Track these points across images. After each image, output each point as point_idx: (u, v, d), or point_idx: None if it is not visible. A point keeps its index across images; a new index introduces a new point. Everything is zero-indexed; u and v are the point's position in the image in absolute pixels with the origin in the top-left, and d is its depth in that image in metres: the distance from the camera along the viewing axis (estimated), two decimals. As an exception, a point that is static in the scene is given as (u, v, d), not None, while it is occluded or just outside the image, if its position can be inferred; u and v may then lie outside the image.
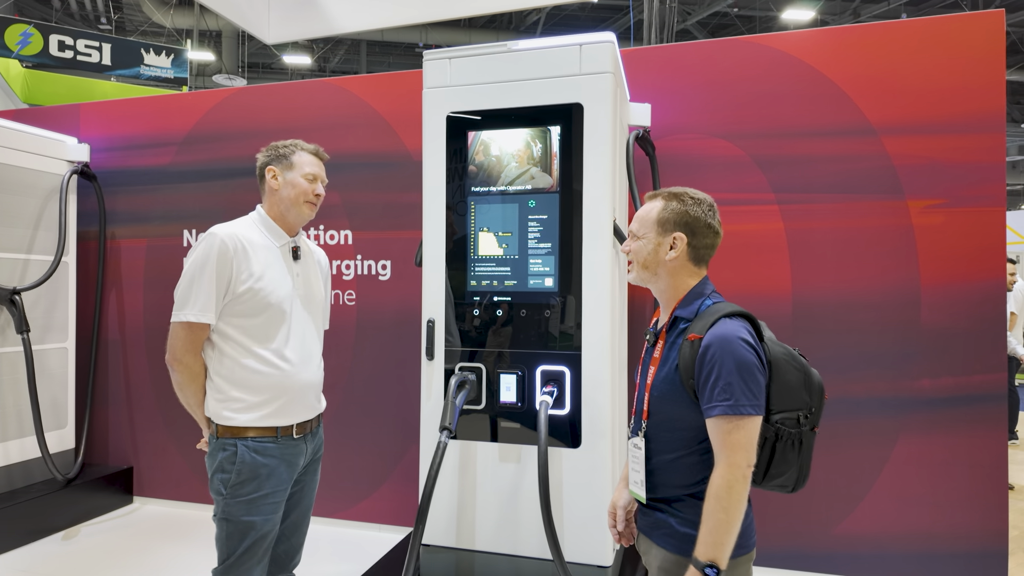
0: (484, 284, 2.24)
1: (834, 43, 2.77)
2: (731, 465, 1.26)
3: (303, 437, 1.91)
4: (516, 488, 2.18)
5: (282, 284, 1.88)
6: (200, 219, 3.60)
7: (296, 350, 1.88)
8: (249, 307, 1.82)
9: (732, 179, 2.85)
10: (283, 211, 1.94)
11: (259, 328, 1.83)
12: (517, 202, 2.21)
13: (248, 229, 1.89)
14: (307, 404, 1.91)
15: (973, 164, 2.60)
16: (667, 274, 1.45)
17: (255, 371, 1.82)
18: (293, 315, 1.89)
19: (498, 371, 2.19)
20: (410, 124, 3.28)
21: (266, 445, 1.82)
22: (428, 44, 16.15)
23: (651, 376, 1.43)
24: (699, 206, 1.43)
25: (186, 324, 1.80)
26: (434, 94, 2.30)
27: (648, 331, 1.51)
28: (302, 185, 1.92)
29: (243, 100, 3.56)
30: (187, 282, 1.81)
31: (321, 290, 2.06)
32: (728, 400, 1.27)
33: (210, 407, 1.85)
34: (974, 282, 2.61)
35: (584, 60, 2.14)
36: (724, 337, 1.31)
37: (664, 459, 1.40)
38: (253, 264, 1.83)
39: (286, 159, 1.95)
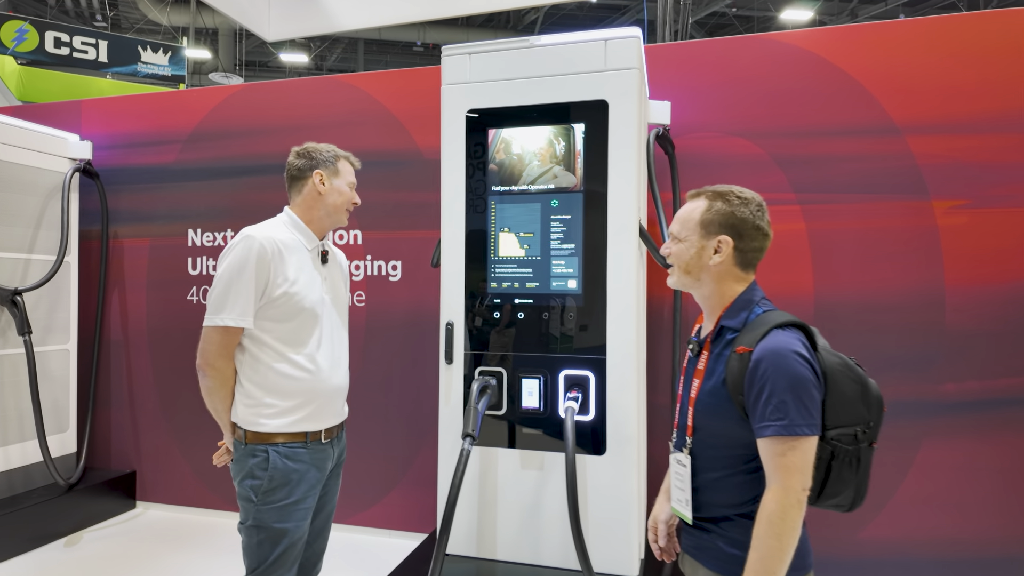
0: (505, 286, 2.18)
1: (856, 40, 2.72)
2: (785, 489, 1.19)
3: (330, 442, 1.88)
4: (538, 496, 2.12)
5: (314, 288, 1.84)
6: (205, 218, 3.53)
7: (327, 354, 1.85)
8: (284, 311, 1.78)
9: (752, 179, 2.80)
10: (322, 215, 1.92)
11: (293, 332, 1.79)
12: (539, 202, 2.15)
13: (281, 231, 1.85)
14: (335, 409, 1.88)
15: (997, 164, 2.56)
16: (711, 280, 1.36)
17: (288, 376, 1.78)
18: (324, 319, 1.86)
19: (520, 375, 2.13)
20: (422, 121, 3.22)
21: (296, 451, 1.78)
22: (426, 43, 16.08)
23: (695, 389, 1.35)
24: (746, 206, 1.35)
25: (222, 328, 1.75)
26: (453, 90, 2.24)
27: (692, 340, 1.43)
28: (347, 193, 1.93)
29: (249, 97, 3.48)
30: (224, 285, 1.76)
31: (345, 294, 2.03)
32: (782, 420, 1.19)
33: (239, 413, 1.80)
34: (999, 284, 2.57)
35: (609, 56, 2.08)
36: (777, 351, 1.22)
37: (710, 477, 1.32)
38: (289, 268, 1.79)
39: (332, 165, 1.93)
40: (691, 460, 1.35)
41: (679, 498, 1.37)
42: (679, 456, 1.38)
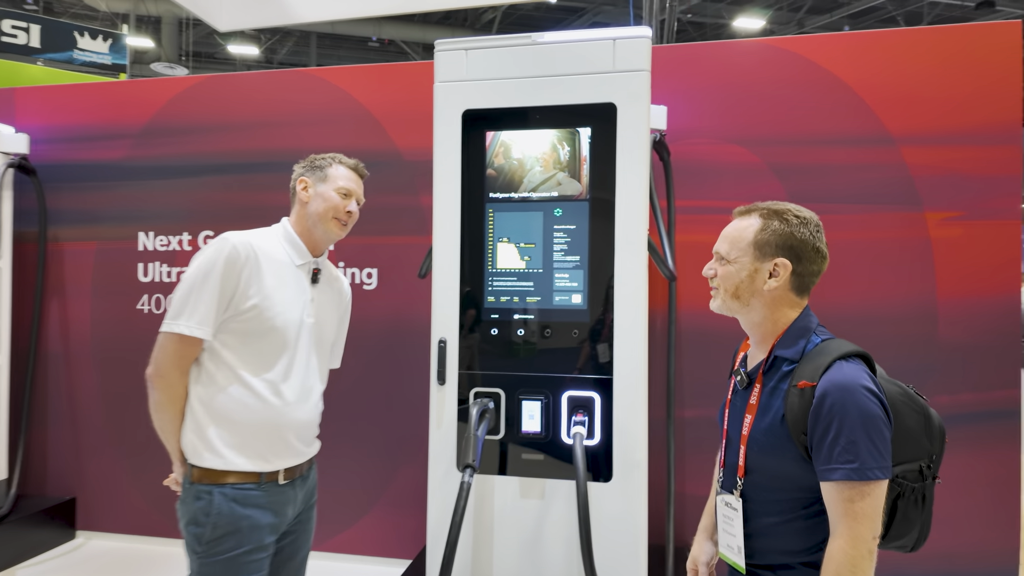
0: (503, 300, 2.02)
1: (851, 48, 2.68)
2: (855, 539, 1.08)
3: (291, 483, 1.66)
4: (539, 527, 1.97)
5: (292, 307, 1.65)
6: (159, 220, 3.24)
7: (295, 385, 1.65)
8: (251, 327, 1.58)
9: (748, 187, 2.73)
10: (310, 226, 1.74)
11: (257, 353, 1.60)
12: (542, 210, 2.00)
13: (267, 240, 1.68)
14: (295, 447, 1.67)
15: (990, 176, 2.56)
16: (763, 305, 1.25)
17: (242, 403, 1.58)
18: (300, 344, 1.66)
19: (520, 397, 1.98)
20: (401, 120, 3.02)
21: (248, 493, 1.57)
22: (382, 39, 15.71)
23: (747, 426, 1.23)
24: (806, 226, 1.24)
25: (177, 336, 1.55)
26: (448, 88, 2.07)
27: (739, 371, 1.31)
28: (333, 200, 1.74)
29: (210, 90, 3.21)
30: (186, 289, 1.57)
31: (333, 323, 1.84)
32: (852, 463, 1.08)
33: (186, 440, 1.59)
34: (991, 296, 2.57)
35: (618, 56, 1.95)
36: (844, 386, 1.12)
37: (767, 522, 1.21)
38: (265, 278, 1.60)
39: (321, 171, 1.77)
40: (743, 503, 1.23)
41: (729, 544, 1.25)
42: (728, 499, 1.25)
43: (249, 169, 3.16)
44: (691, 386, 2.81)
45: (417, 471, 2.95)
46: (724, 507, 1.28)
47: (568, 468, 1.93)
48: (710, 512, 1.53)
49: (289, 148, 3.04)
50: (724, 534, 1.28)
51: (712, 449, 2.77)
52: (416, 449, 2.96)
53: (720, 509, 1.30)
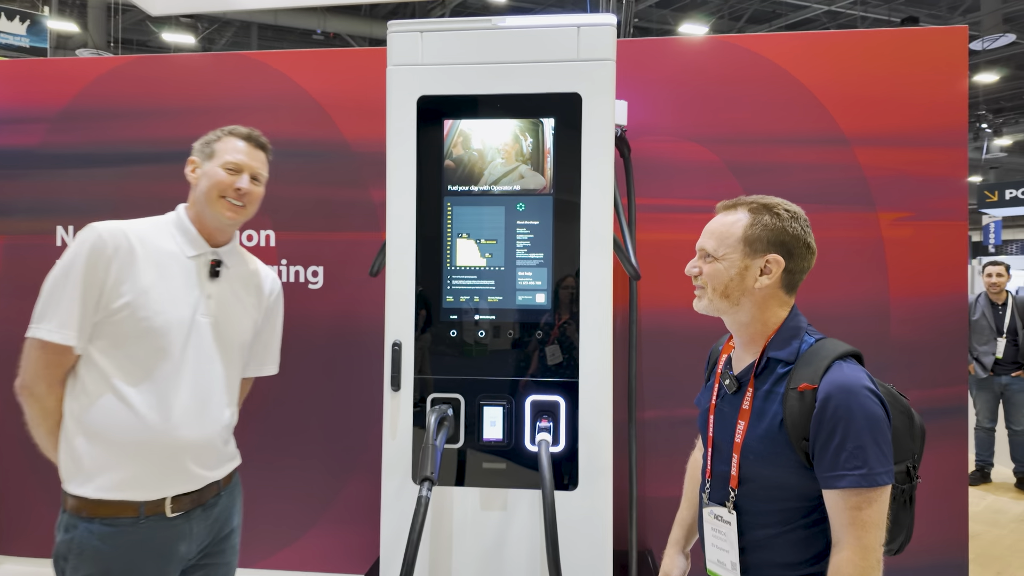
0: (463, 300, 1.90)
1: (806, 48, 2.68)
2: (864, 549, 1.03)
3: (185, 515, 1.44)
4: (501, 540, 1.86)
5: (177, 305, 1.44)
6: (81, 213, 2.96)
7: (182, 396, 1.43)
8: (124, 329, 1.38)
9: (706, 185, 2.70)
10: (199, 211, 1.55)
11: (132, 359, 1.39)
12: (503, 205, 1.89)
13: (153, 229, 1.49)
14: (185, 471, 1.44)
15: (938, 178, 2.61)
16: (753, 304, 1.20)
17: (115, 417, 1.37)
18: (189, 348, 1.44)
19: (480, 403, 1.87)
20: (350, 109, 2.85)
21: (121, 529, 1.35)
22: (327, 32, 15.28)
23: (740, 433, 1.16)
24: (796, 221, 1.20)
25: (41, 343, 1.36)
26: (401, 73, 1.93)
27: (727, 374, 1.24)
28: (217, 176, 1.53)
29: (139, 71, 2.96)
30: (47, 289, 1.39)
31: (245, 323, 1.61)
32: (860, 468, 1.04)
33: (60, 460, 1.40)
34: (939, 295, 2.62)
35: (582, 44, 1.87)
36: (847, 388, 1.07)
37: (762, 535, 1.14)
38: (141, 273, 1.40)
39: (208, 146, 1.58)
40: (736, 515, 1.15)
41: (719, 559, 1.17)
42: (718, 511, 1.18)
43: (183, 158, 2.92)
44: (650, 387, 2.76)
45: (366, 482, 2.79)
46: (713, 520, 1.20)
47: (532, 477, 1.83)
48: (682, 523, 1.46)
49: (227, 137, 2.82)
50: (714, 549, 1.20)
51: (673, 451, 2.73)
52: (365, 459, 2.80)
53: (708, 522, 1.22)
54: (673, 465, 2.73)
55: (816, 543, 1.11)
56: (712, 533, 1.21)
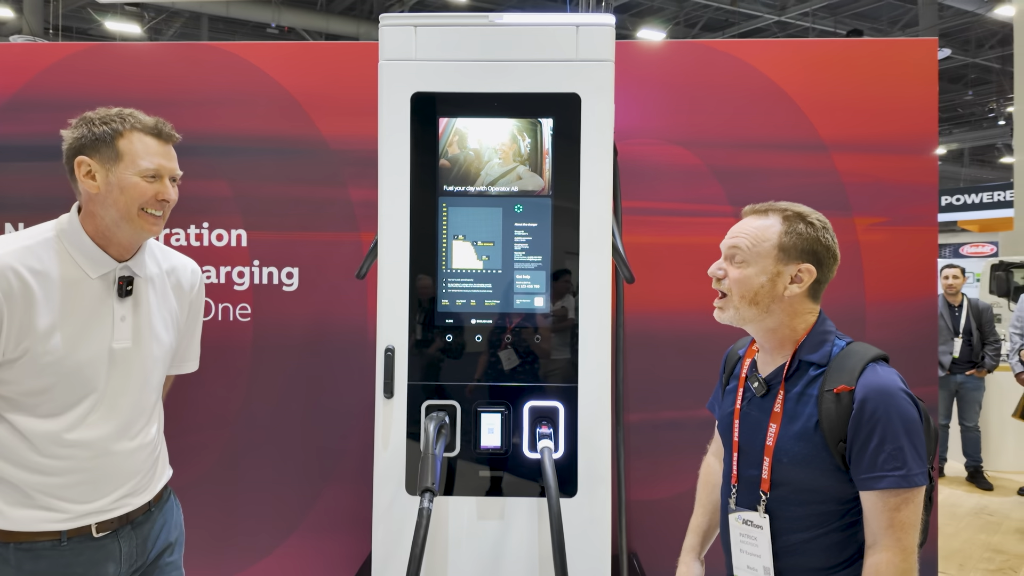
0: (459, 304, 1.85)
1: (786, 54, 2.73)
2: (904, 551, 1.05)
3: (113, 534, 1.33)
4: (499, 551, 1.81)
5: (91, 339, 1.28)
6: (29, 210, 2.75)
7: (99, 430, 1.30)
8: (29, 376, 1.22)
9: (691, 189, 2.71)
10: (109, 225, 1.32)
11: (42, 405, 1.24)
12: (501, 206, 1.85)
13: (42, 253, 1.27)
14: (110, 502, 1.33)
15: (911, 185, 2.69)
16: (781, 311, 1.21)
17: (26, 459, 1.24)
18: (107, 382, 1.30)
19: (478, 409, 1.81)
20: (327, 105, 2.75)
21: (37, 553, 1.24)
22: (281, 26, 14.88)
23: (772, 436, 1.16)
24: (827, 232, 1.23)
25: None
26: (395, 68, 1.86)
27: (755, 377, 1.23)
28: (137, 187, 1.30)
29: (98, 60, 2.78)
30: None
31: (166, 333, 1.46)
32: (900, 470, 1.06)
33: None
34: (912, 299, 2.70)
35: (581, 44, 1.84)
36: (884, 390, 1.10)
37: (797, 539, 1.14)
38: (39, 312, 1.21)
39: (107, 145, 1.31)
40: (768, 520, 1.14)
41: (751, 565, 1.16)
42: (750, 516, 1.17)
43: (144, 154, 2.76)
44: (633, 390, 2.75)
45: (344, 491, 2.69)
46: (742, 526, 1.19)
47: (530, 485, 1.79)
48: (697, 530, 1.44)
49: (193, 130, 2.65)
50: (742, 555, 1.19)
51: (656, 454, 2.73)
52: (342, 468, 2.70)
53: (735, 528, 1.21)
54: (657, 469, 2.75)
55: (849, 547, 1.12)
56: (740, 539, 1.20)
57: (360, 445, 2.67)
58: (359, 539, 2.67)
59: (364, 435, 2.66)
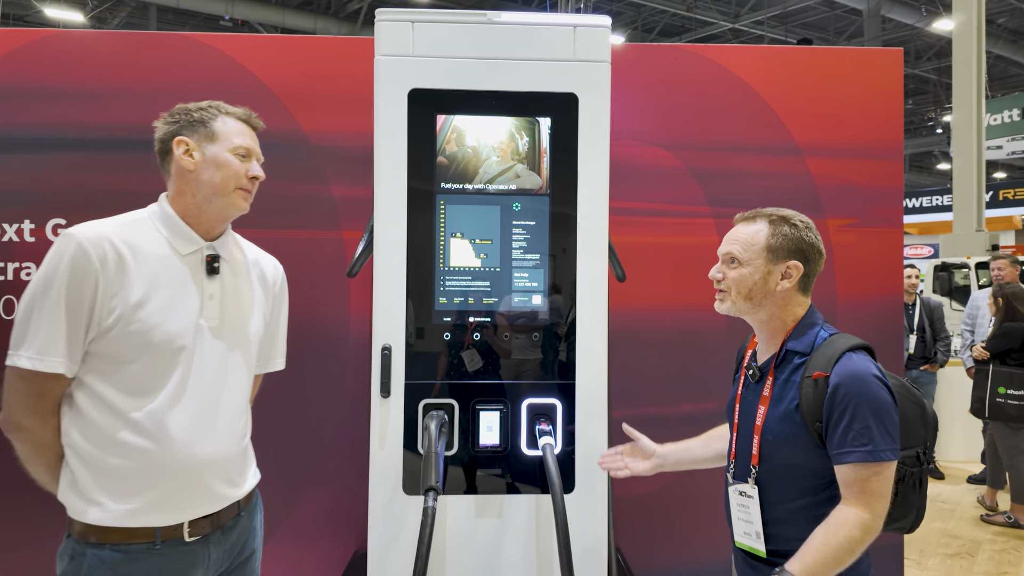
0: (457, 302, 1.84)
1: (762, 60, 2.82)
2: (872, 512, 1.17)
3: (203, 539, 1.34)
4: (496, 549, 1.82)
5: (177, 314, 1.31)
6: (-14, 203, 2.61)
7: (191, 411, 1.31)
8: (121, 347, 1.25)
9: (670, 190, 2.77)
10: (201, 203, 1.39)
11: (133, 378, 1.26)
12: (499, 204, 1.85)
13: (135, 229, 1.33)
14: (207, 491, 1.34)
15: (878, 188, 2.81)
16: (773, 305, 1.33)
17: (123, 444, 1.25)
18: (195, 359, 1.32)
19: (476, 407, 1.81)
20: (309, 101, 2.69)
21: (132, 555, 1.25)
22: (235, 18, 14.48)
23: (760, 417, 1.29)
24: (811, 231, 1.35)
25: (25, 372, 1.21)
26: (391, 63, 1.84)
27: (751, 365, 1.33)
28: (231, 164, 1.40)
29: (61, 48, 2.65)
30: (25, 308, 1.23)
31: (256, 318, 1.50)
32: (866, 445, 1.17)
33: (62, 492, 1.27)
34: (879, 297, 2.82)
35: (579, 44, 1.86)
36: (856, 375, 1.21)
37: (784, 509, 1.27)
38: (133, 282, 1.26)
39: (204, 126, 1.42)
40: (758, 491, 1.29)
41: (746, 531, 1.30)
42: (743, 487, 1.30)
43: (111, 146, 2.65)
44: (617, 387, 2.79)
45: (329, 492, 2.64)
46: (739, 496, 1.32)
47: (529, 482, 1.80)
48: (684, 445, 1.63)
49: (167, 124, 2.59)
50: (739, 522, 1.32)
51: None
52: (324, 470, 2.65)
53: (733, 499, 1.34)
54: (639, 464, 2.79)
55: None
56: (738, 508, 1.33)
57: (343, 446, 2.63)
58: (342, 542, 2.63)
59: (347, 436, 2.62)
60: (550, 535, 1.81)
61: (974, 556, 3.56)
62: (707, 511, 2.66)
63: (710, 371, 2.66)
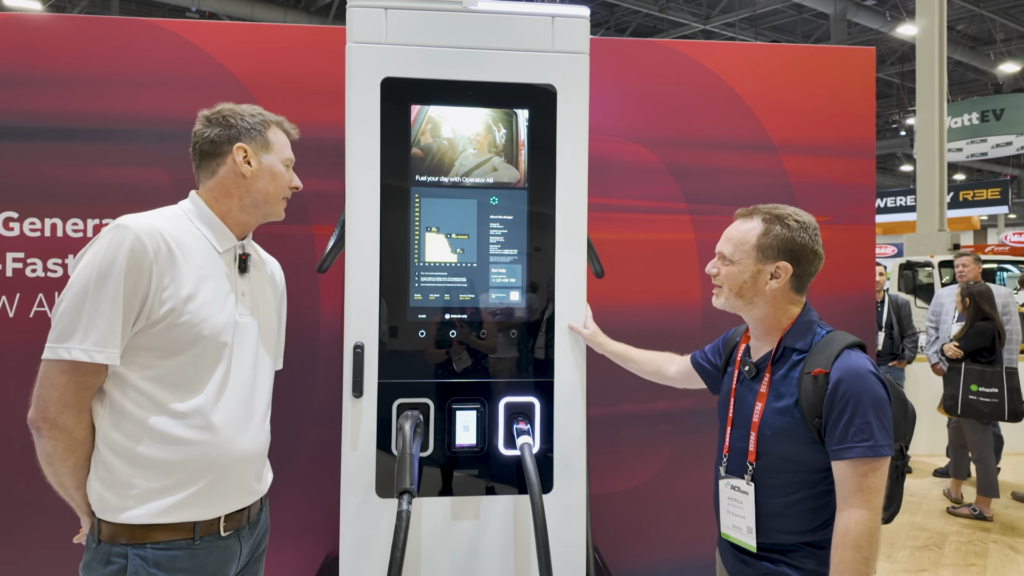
0: (432, 298, 1.79)
1: (738, 57, 2.82)
2: (872, 510, 1.17)
3: (236, 533, 1.34)
4: (474, 551, 1.77)
5: (223, 307, 1.32)
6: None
7: (232, 406, 1.32)
8: (169, 340, 1.24)
9: (647, 187, 2.75)
10: (248, 207, 1.43)
11: (180, 372, 1.26)
12: (475, 198, 1.80)
13: (177, 224, 1.34)
14: (243, 485, 1.35)
15: (851, 185, 2.83)
16: (765, 303, 1.33)
17: (167, 438, 1.24)
18: (234, 353, 1.34)
19: (452, 406, 1.76)
20: (277, 91, 2.60)
21: (175, 553, 1.23)
22: (202, 10, 14.13)
23: (758, 413, 1.29)
24: (805, 231, 1.33)
25: (71, 365, 1.17)
26: (364, 51, 1.78)
27: (746, 361, 1.31)
28: (283, 176, 1.47)
29: (14, 31, 2.52)
30: (76, 299, 1.19)
31: (273, 316, 1.54)
32: (867, 441, 1.18)
33: (93, 491, 1.23)
34: (851, 293, 2.85)
35: (557, 35, 1.82)
36: (856, 372, 1.21)
37: (778, 504, 1.26)
38: (184, 276, 1.27)
39: (261, 135, 1.44)
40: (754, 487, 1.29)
41: (737, 525, 1.30)
42: (737, 482, 1.31)
43: (68, 136, 2.53)
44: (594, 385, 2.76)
45: (296, 496, 2.56)
46: (731, 491, 1.32)
47: (506, 482, 1.76)
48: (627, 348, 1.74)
49: (127, 113, 2.49)
50: (729, 515, 1.32)
51: (616, 447, 2.76)
52: (292, 472, 2.57)
53: (724, 492, 1.34)
54: (616, 462, 2.77)
55: (822, 514, 1.25)
56: (728, 502, 1.33)
57: (314, 448, 2.55)
58: (313, 545, 2.55)
59: (318, 437, 2.54)
60: (528, 536, 1.77)
61: (942, 548, 3.63)
62: (686, 508, 2.65)
63: (687, 368, 2.64)
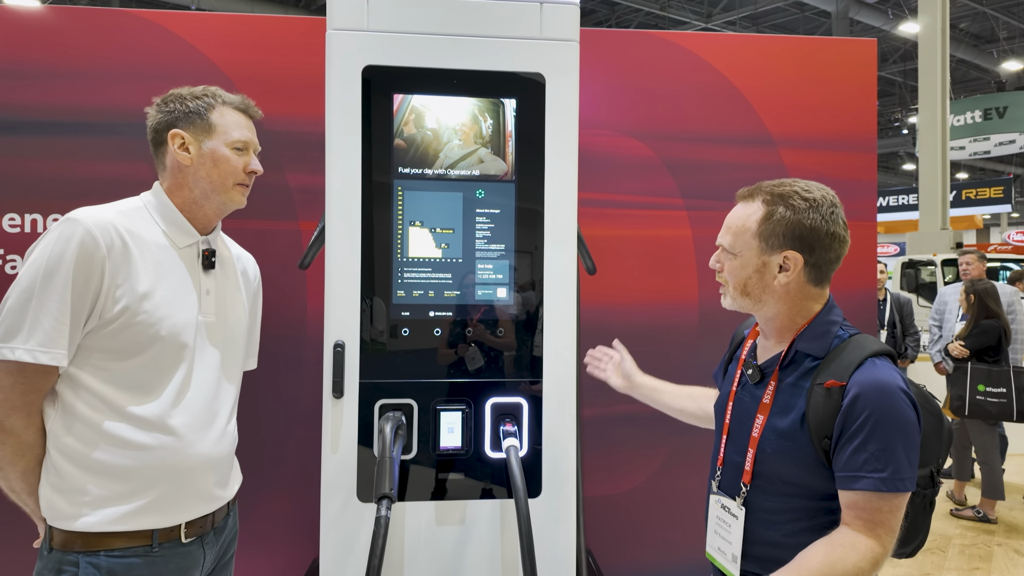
0: (416, 295, 1.72)
1: (736, 49, 2.75)
2: (884, 545, 1.00)
3: (199, 539, 1.28)
4: (459, 558, 1.70)
5: (183, 306, 1.26)
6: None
7: (193, 409, 1.26)
8: (125, 340, 1.18)
9: (644, 182, 2.68)
10: (198, 198, 1.34)
11: (137, 374, 1.20)
12: (461, 191, 1.73)
13: (134, 218, 1.27)
14: (205, 491, 1.29)
15: (852, 180, 2.76)
16: (777, 300, 1.13)
17: (123, 443, 1.18)
18: (196, 355, 1.27)
19: (437, 408, 1.70)
20: (261, 83, 2.54)
21: (132, 561, 1.17)
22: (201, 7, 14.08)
23: (759, 427, 1.10)
24: (816, 210, 1.11)
25: (17, 366, 1.11)
26: (344, 39, 1.71)
27: (750, 363, 1.17)
28: (229, 161, 1.34)
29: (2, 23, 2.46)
30: (22, 296, 1.13)
31: (243, 315, 1.47)
32: (882, 472, 0.99)
33: (44, 498, 1.17)
34: (853, 291, 2.77)
35: (545, 22, 1.75)
36: (881, 387, 1.02)
37: (773, 533, 1.09)
38: (139, 272, 1.20)
39: (201, 118, 1.34)
40: (745, 511, 1.11)
41: (721, 548, 1.14)
42: (727, 503, 1.13)
43: (48, 129, 2.47)
44: (588, 384, 2.70)
45: (279, 501, 2.50)
46: (720, 510, 1.16)
47: (492, 487, 1.69)
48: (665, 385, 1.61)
49: (110, 107, 2.43)
50: (716, 536, 1.17)
51: (611, 449, 2.69)
52: (278, 475, 2.51)
53: (714, 510, 1.18)
54: (611, 464, 2.70)
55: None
56: (716, 521, 1.17)
57: (300, 449, 2.49)
58: (298, 550, 2.49)
59: (304, 438, 2.48)
60: (515, 542, 1.70)
61: (945, 551, 3.56)
62: (683, 511, 2.58)
63: (683, 368, 2.57)
